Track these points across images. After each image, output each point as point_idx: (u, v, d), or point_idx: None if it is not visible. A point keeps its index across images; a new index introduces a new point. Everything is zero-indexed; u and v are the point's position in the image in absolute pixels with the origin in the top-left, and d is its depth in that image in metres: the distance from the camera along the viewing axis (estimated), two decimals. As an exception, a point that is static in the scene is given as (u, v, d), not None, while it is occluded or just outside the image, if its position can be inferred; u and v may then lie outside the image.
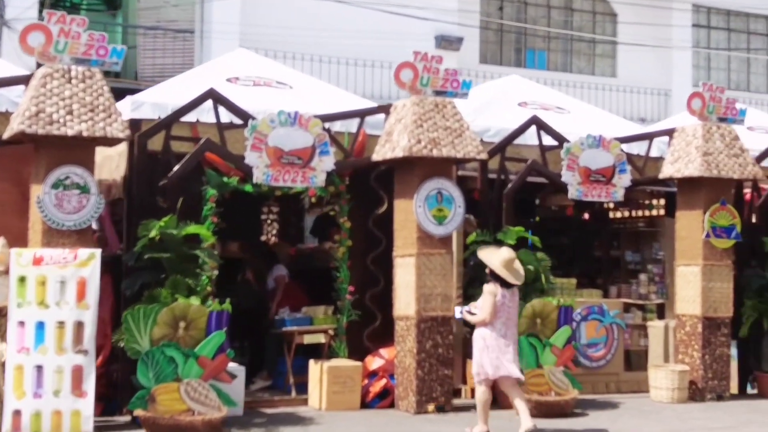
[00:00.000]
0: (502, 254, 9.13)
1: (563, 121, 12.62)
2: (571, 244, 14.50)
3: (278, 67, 12.39)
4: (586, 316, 11.97)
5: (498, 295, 8.98)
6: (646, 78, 21.20)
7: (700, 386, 11.59)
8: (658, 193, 13.17)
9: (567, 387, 10.43)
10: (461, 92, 10.61)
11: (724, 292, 11.73)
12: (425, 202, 10.24)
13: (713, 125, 11.83)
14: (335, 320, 10.74)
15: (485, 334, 9.00)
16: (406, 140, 10.06)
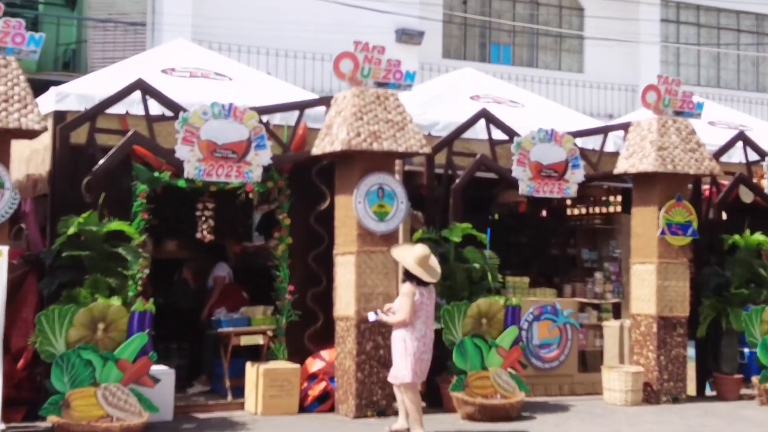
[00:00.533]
0: (417, 251, 8.82)
1: (517, 115, 12.25)
2: (529, 242, 14.11)
3: (219, 58, 11.95)
4: (539, 316, 11.60)
5: (417, 295, 8.69)
6: (614, 74, 20.85)
7: (655, 388, 11.23)
8: (615, 189, 12.79)
9: (513, 389, 10.05)
10: (404, 84, 10.21)
11: (680, 290, 11.38)
12: (366, 197, 9.84)
13: (669, 119, 11.48)
14: (274, 321, 10.33)
15: (405, 336, 8.72)
16: (345, 133, 9.66)
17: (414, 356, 8.67)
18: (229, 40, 16.63)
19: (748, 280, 12.04)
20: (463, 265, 10.38)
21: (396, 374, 8.79)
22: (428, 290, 8.84)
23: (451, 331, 9.93)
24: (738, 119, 14.75)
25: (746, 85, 23.55)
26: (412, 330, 8.70)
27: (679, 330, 11.38)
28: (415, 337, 8.69)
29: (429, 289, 8.86)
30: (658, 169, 11.13)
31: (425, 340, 8.77)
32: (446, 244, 10.49)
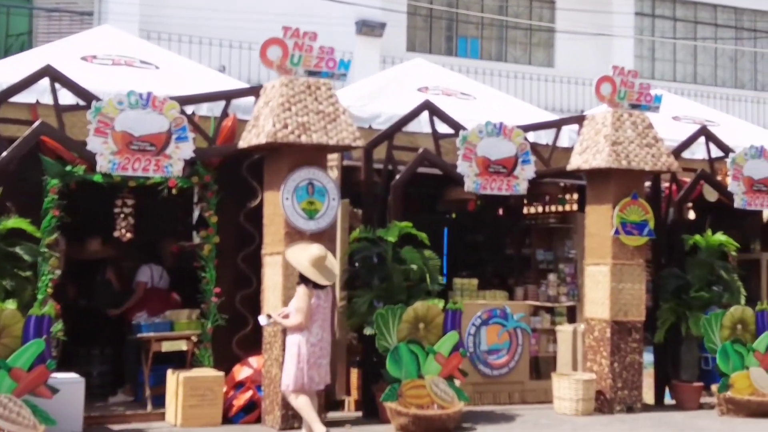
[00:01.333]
0: (312, 252, 8.40)
1: (466, 107, 11.65)
2: (484, 242, 13.51)
3: (147, 46, 11.31)
4: (487, 320, 10.98)
5: (313, 297, 8.26)
6: (586, 69, 20.07)
7: (608, 397, 10.63)
8: (571, 186, 12.19)
9: (452, 399, 9.42)
10: (338, 73, 9.60)
11: (635, 293, 10.78)
12: (294, 193, 9.21)
13: (624, 112, 10.88)
14: (199, 325, 9.69)
15: (300, 341, 8.29)
16: (271, 125, 9.04)
17: (308, 362, 8.28)
18: (180, 30, 15.97)
19: (710, 283, 11.46)
20: (401, 266, 9.76)
21: (285, 381, 8.37)
22: (325, 292, 8.43)
23: (385, 337, 9.31)
24: (704, 114, 14.15)
25: (724, 81, 22.91)
26: (308, 335, 8.32)
27: (634, 335, 10.77)
28: (310, 342, 8.31)
29: (326, 291, 8.45)
30: (612, 164, 10.53)
31: (322, 344, 8.40)
32: (384, 243, 9.87)
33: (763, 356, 10.96)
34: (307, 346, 8.29)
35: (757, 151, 11.82)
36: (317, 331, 8.34)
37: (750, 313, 11.04)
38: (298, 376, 8.30)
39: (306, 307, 8.26)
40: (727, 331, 10.87)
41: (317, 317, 8.34)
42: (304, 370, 8.28)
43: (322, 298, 8.37)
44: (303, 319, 8.26)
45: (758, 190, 11.82)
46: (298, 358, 8.30)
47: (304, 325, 8.28)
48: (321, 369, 8.39)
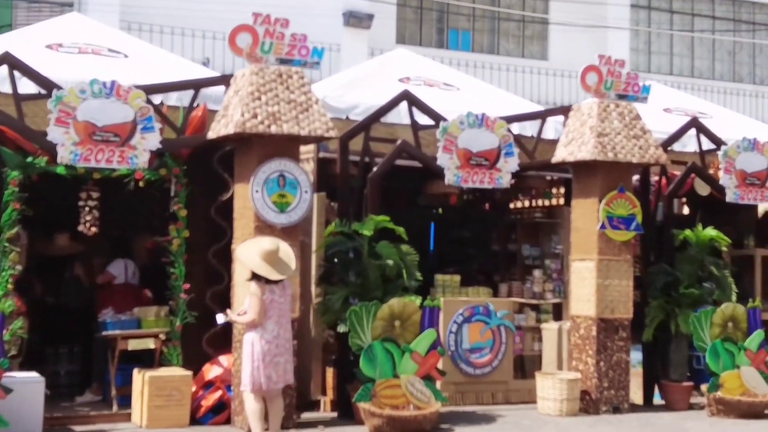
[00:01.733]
0: (263, 246, 8.09)
1: (449, 98, 11.33)
2: (471, 238, 13.15)
3: (116, 35, 10.97)
4: (470, 318, 10.62)
5: (266, 293, 7.93)
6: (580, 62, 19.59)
7: (593, 397, 10.28)
8: (558, 180, 11.83)
9: (429, 399, 9.08)
10: (311, 61, 9.24)
11: (622, 290, 10.42)
12: (264, 186, 8.87)
13: (611, 103, 10.52)
14: (168, 323, 9.35)
15: (254, 339, 7.98)
16: (240, 114, 8.70)
17: (264, 361, 7.94)
18: (162, 21, 15.61)
19: (700, 279, 11.11)
20: (377, 261, 9.42)
21: (247, 382, 8.05)
22: (281, 287, 8.09)
23: (358, 335, 8.96)
24: (697, 106, 13.79)
25: (722, 75, 22.50)
26: (262, 332, 7.99)
27: (621, 333, 10.42)
28: (265, 339, 7.98)
29: (282, 285, 8.11)
30: (598, 157, 10.18)
31: (278, 341, 8.05)
32: (360, 238, 9.53)
33: (755, 355, 10.61)
34: (262, 343, 7.95)
35: (750, 143, 11.47)
36: (273, 327, 7.99)
37: (741, 310, 10.70)
38: (255, 376, 7.96)
39: (258, 303, 7.93)
40: (718, 329, 10.52)
41: (272, 313, 7.99)
42: (260, 369, 7.93)
43: (277, 293, 8.03)
44: (256, 316, 7.93)
45: (751, 183, 11.47)
46: (252, 357, 7.97)
47: (258, 321, 7.94)
48: (279, 367, 8.02)
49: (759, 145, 11.51)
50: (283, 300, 8.09)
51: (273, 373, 8.01)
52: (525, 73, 19.38)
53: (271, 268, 8.00)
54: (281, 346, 8.06)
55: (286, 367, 8.12)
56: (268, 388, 8.03)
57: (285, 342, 8.11)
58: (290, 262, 8.17)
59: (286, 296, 8.14)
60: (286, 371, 8.13)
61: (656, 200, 11.43)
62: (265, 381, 7.99)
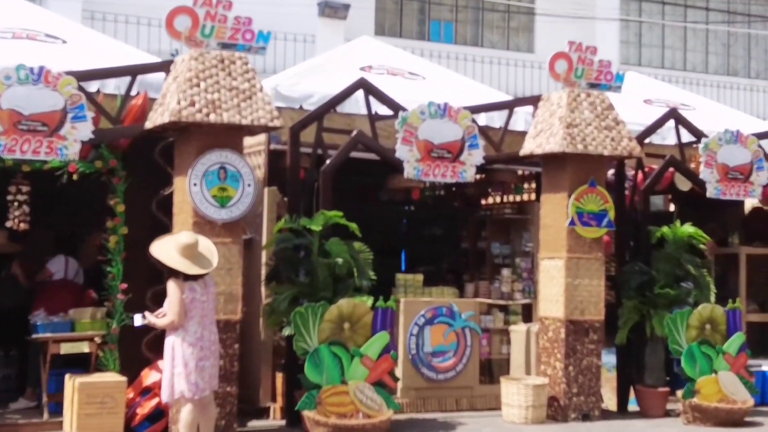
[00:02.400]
0: (180, 240, 7.48)
1: (412, 88, 10.77)
2: (443, 235, 12.59)
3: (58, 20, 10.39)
4: (432, 319, 10.06)
5: (185, 292, 7.30)
6: (567, 54, 19.16)
7: (562, 403, 9.70)
8: (530, 174, 11.25)
9: (380, 407, 8.50)
10: (256, 46, 8.68)
11: (593, 290, 9.84)
12: (203, 179, 8.29)
13: (582, 92, 9.94)
14: (104, 325, 8.79)
15: (175, 343, 7.34)
16: (176, 102, 8.13)
17: (186, 366, 7.28)
18: (126, 11, 15.04)
19: (678, 279, 10.51)
20: (326, 260, 8.84)
21: (164, 390, 7.41)
22: (203, 284, 7.45)
23: (303, 338, 8.41)
24: (680, 98, 13.19)
25: (716, 69, 21.87)
26: (184, 334, 7.33)
27: (591, 336, 9.84)
28: (187, 342, 7.31)
29: (204, 283, 7.47)
30: (566, 149, 9.60)
31: (203, 343, 7.38)
32: (310, 235, 8.96)
33: (735, 359, 10.04)
34: (184, 346, 7.29)
35: (732, 135, 10.86)
36: (195, 328, 7.33)
37: (720, 311, 10.12)
38: (176, 383, 7.32)
39: (178, 303, 7.27)
40: (694, 331, 9.94)
41: (194, 313, 7.33)
42: (182, 375, 7.29)
43: (198, 291, 7.39)
44: (175, 317, 7.27)
45: (734, 178, 10.86)
46: (173, 363, 7.33)
47: (178, 323, 7.28)
48: (204, 372, 7.36)
49: (742, 137, 10.91)
50: (206, 299, 7.46)
51: (199, 380, 7.34)
52: (510, 66, 18.75)
53: (191, 263, 7.38)
54: (206, 349, 7.41)
55: (212, 372, 7.48)
56: (193, 396, 7.40)
57: (210, 345, 7.47)
58: (212, 257, 7.55)
59: (210, 294, 7.52)
60: (212, 377, 7.49)
61: (632, 195, 10.83)
62: (190, 388, 7.34)
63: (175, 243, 7.53)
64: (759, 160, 11.01)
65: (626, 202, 10.77)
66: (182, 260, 7.40)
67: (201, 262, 7.44)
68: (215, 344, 7.61)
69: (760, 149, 11.03)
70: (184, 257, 7.42)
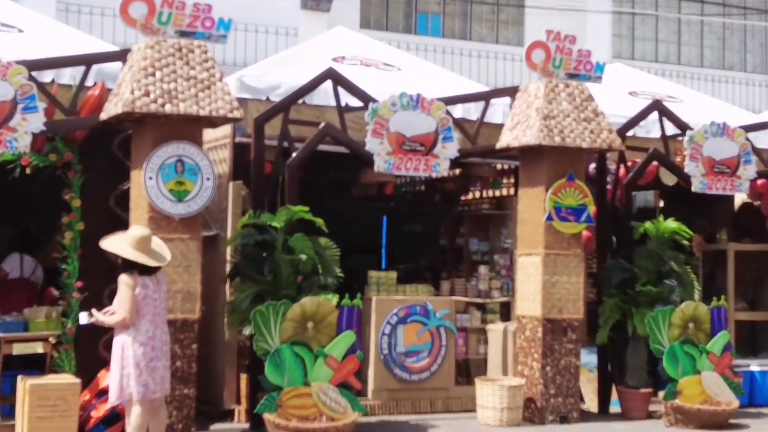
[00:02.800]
0: (133, 233, 7.16)
1: (387, 79, 10.42)
2: (423, 232, 12.25)
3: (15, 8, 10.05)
4: (405, 318, 9.74)
5: (138, 287, 6.95)
6: (558, 48, 18.76)
7: (539, 405, 9.35)
8: (509, 168, 10.91)
9: (345, 409, 8.17)
10: (216, 34, 8.33)
11: (571, 287, 9.49)
12: (159, 172, 7.96)
13: (560, 83, 9.58)
14: (59, 325, 8.45)
15: (125, 342, 6.97)
16: (129, 92, 7.80)
17: (137, 366, 6.94)
18: (102, 3, 14.68)
19: (662, 276, 10.17)
20: (290, 256, 8.50)
21: (112, 392, 7.06)
22: (155, 281, 7.11)
23: (264, 338, 8.07)
24: (667, 90, 12.82)
25: (711, 63, 21.46)
26: (135, 332, 6.97)
27: (570, 335, 9.49)
28: (139, 341, 6.96)
29: (156, 280, 7.13)
30: (543, 141, 9.25)
31: (154, 343, 7.03)
32: (274, 231, 8.62)
33: (719, 359, 9.69)
34: (135, 346, 6.95)
35: (718, 128, 10.50)
36: (147, 327, 6.99)
37: (704, 310, 9.77)
38: (125, 385, 6.98)
39: (130, 298, 6.93)
40: (677, 330, 9.59)
41: (146, 311, 6.99)
42: (131, 376, 6.94)
43: (151, 287, 7.05)
44: (127, 314, 6.92)
45: (720, 172, 10.50)
46: (122, 363, 6.99)
47: (129, 321, 6.94)
48: (156, 373, 7.01)
49: (729, 130, 10.55)
50: (159, 296, 7.12)
51: (150, 381, 7.00)
52: (499, 60, 18.37)
53: (146, 256, 7.05)
54: (158, 349, 7.06)
55: (163, 374, 7.13)
56: (143, 398, 7.05)
57: (162, 345, 7.12)
58: (165, 253, 7.23)
59: (162, 292, 7.18)
60: (163, 379, 7.14)
61: (614, 190, 10.48)
62: (140, 390, 6.99)
63: (128, 236, 7.21)
64: (746, 153, 10.66)
65: (608, 196, 10.42)
66: (137, 253, 7.08)
67: (155, 256, 7.12)
68: (167, 344, 7.27)
69: (747, 142, 10.68)
70: (139, 251, 7.09)
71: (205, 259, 9.34)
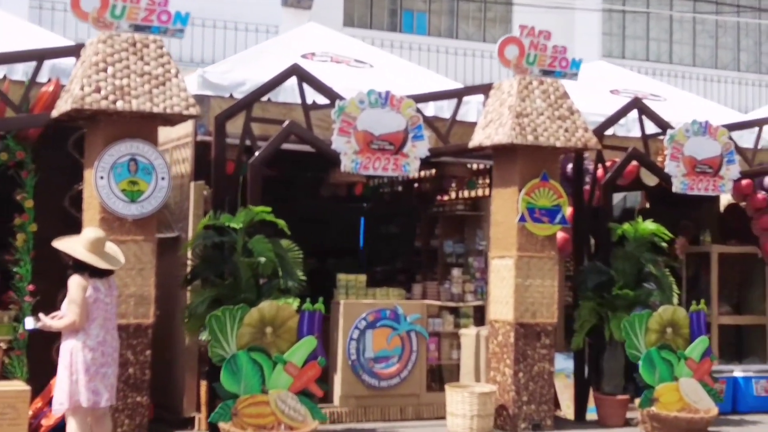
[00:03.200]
0: (87, 235, 6.86)
1: (357, 76, 10.09)
2: (400, 233, 11.96)
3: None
4: (374, 323, 9.44)
5: (89, 289, 6.63)
6: (547, 46, 18.42)
7: (511, 412, 9.05)
8: (485, 168, 10.60)
9: (304, 417, 7.87)
10: (173, 28, 8.05)
11: (545, 291, 9.19)
12: (111, 172, 7.69)
13: (534, 80, 9.28)
14: (11, 330, 8.17)
15: (74, 347, 6.65)
16: (79, 88, 7.52)
17: (87, 372, 6.62)
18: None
19: (640, 279, 9.87)
20: (249, 259, 8.20)
21: (58, 399, 6.72)
22: (106, 284, 6.81)
23: (220, 344, 7.77)
24: (650, 88, 12.49)
25: (703, 61, 21.14)
26: (85, 337, 6.65)
27: (543, 340, 9.18)
28: (88, 346, 6.64)
29: (108, 283, 6.83)
30: (515, 140, 8.95)
31: (104, 348, 6.72)
32: (234, 233, 8.32)
33: (698, 365, 9.39)
34: (84, 351, 6.62)
35: (700, 127, 10.21)
36: (97, 332, 6.68)
37: (683, 314, 9.47)
38: (73, 391, 6.65)
39: (80, 301, 6.62)
40: (654, 335, 9.29)
41: (96, 315, 6.68)
42: (80, 383, 6.62)
43: (102, 291, 6.75)
44: (77, 318, 6.60)
45: (702, 172, 10.21)
46: (71, 369, 6.65)
47: (79, 324, 6.63)
48: (106, 380, 6.71)
49: (711, 128, 10.26)
50: (110, 301, 6.82)
51: (100, 387, 6.69)
52: (485, 59, 18.03)
53: (99, 258, 6.76)
54: (108, 355, 6.76)
55: (112, 381, 6.84)
56: (93, 406, 6.74)
57: (112, 351, 6.83)
58: (119, 256, 6.94)
59: (113, 297, 6.88)
60: (112, 387, 6.83)
61: (591, 190, 10.18)
62: (89, 397, 6.67)
63: (82, 237, 6.93)
64: (729, 152, 10.37)
65: (585, 197, 10.13)
66: (89, 254, 6.79)
67: (108, 259, 6.83)
68: (117, 351, 6.97)
69: (730, 141, 10.39)
70: (92, 252, 6.81)
71: (166, 261, 9.11)
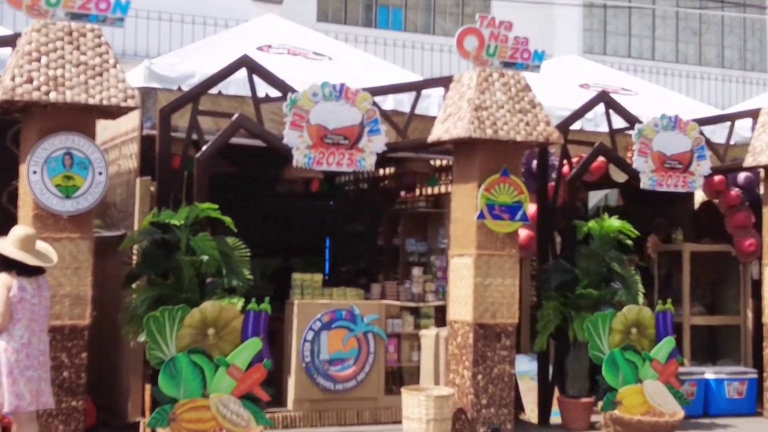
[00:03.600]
0: (16, 232, 6.60)
1: (315, 69, 9.78)
2: (365, 232, 11.66)
3: None
4: (330, 324, 9.14)
5: (14, 288, 6.37)
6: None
7: (469, 416, 8.74)
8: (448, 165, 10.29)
9: (247, 423, 7.55)
10: (113, 17, 7.73)
11: (506, 291, 8.87)
12: (45, 166, 7.38)
13: (494, 72, 8.97)
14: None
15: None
16: (9, 78, 7.21)
17: (11, 375, 6.32)
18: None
19: (606, 278, 9.57)
20: (192, 257, 7.88)
21: None
22: (35, 284, 6.54)
23: (159, 346, 7.43)
24: (621, 82, 12.20)
25: (687, 58, 20.84)
26: (8, 338, 6.37)
27: (504, 341, 8.86)
28: (12, 347, 6.35)
29: (37, 283, 6.56)
30: (474, 134, 8.63)
31: (29, 351, 6.43)
32: (178, 230, 8.01)
33: (664, 367, 9.10)
34: (8, 352, 6.34)
35: (669, 121, 9.93)
36: (22, 333, 6.39)
37: (648, 314, 9.17)
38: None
39: (4, 301, 6.34)
40: (618, 335, 8.99)
41: (21, 315, 6.39)
42: (4, 386, 6.33)
43: (29, 291, 6.45)
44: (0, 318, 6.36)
45: (671, 167, 9.92)
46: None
47: (2, 325, 6.34)
48: (31, 384, 6.40)
49: (681, 123, 9.97)
50: (38, 302, 6.52)
51: (24, 390, 6.38)
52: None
53: (29, 255, 6.47)
54: (34, 357, 6.45)
55: (40, 386, 6.52)
56: (18, 410, 6.42)
57: (39, 354, 6.52)
58: (51, 255, 6.65)
59: (42, 298, 6.58)
60: (41, 392, 6.51)
61: (556, 187, 9.88)
62: (13, 401, 6.37)
63: (10, 235, 6.64)
64: (700, 148, 10.07)
65: (550, 194, 9.82)
66: (17, 251, 6.50)
67: (39, 257, 6.54)
68: (45, 355, 6.66)
69: (701, 136, 10.09)
70: (20, 249, 6.51)
71: (112, 261, 8.83)
